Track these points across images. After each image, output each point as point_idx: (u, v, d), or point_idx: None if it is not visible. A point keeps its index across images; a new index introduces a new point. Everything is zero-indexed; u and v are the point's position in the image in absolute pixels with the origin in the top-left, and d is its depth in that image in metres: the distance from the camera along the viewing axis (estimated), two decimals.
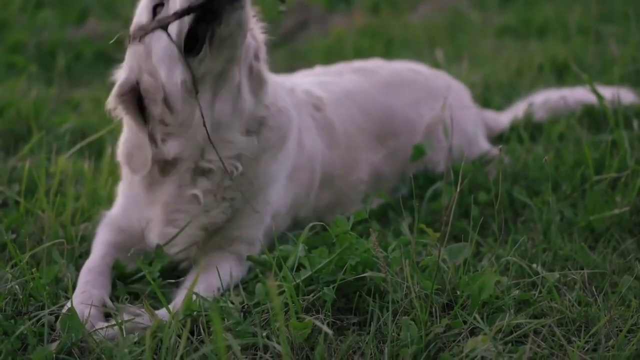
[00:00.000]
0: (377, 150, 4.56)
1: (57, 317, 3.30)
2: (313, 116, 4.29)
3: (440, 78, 5.06)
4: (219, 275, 3.55)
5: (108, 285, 3.59)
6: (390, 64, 5.02)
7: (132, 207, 3.88)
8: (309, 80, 4.57)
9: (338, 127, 4.37)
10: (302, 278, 3.33)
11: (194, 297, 3.24)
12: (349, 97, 4.55)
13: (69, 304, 3.28)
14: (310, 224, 3.66)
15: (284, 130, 3.92)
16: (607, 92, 5.15)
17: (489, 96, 6.07)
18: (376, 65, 4.95)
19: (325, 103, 4.39)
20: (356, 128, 4.48)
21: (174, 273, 3.78)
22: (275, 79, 4.07)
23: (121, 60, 3.75)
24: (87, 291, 3.46)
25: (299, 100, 4.24)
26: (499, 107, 5.80)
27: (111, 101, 3.66)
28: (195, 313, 3.22)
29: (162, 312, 3.25)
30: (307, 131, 4.19)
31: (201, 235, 3.78)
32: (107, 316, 3.37)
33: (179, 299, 3.38)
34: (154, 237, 3.80)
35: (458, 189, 3.55)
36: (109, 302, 3.44)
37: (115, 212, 3.96)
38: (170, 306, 3.25)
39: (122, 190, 3.97)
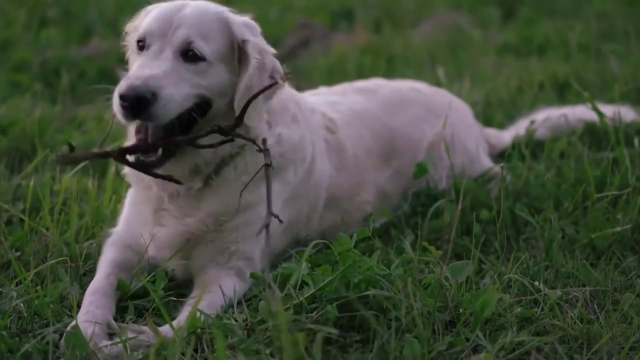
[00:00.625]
0: (382, 170, 4.59)
1: (61, 335, 3.32)
2: (326, 139, 4.31)
3: (441, 96, 5.08)
4: (222, 292, 3.58)
5: (112, 305, 3.61)
6: (391, 83, 5.05)
7: (137, 222, 3.92)
8: (320, 100, 4.59)
9: (348, 149, 4.39)
10: (306, 296, 3.34)
11: (198, 314, 3.26)
12: (357, 117, 4.57)
13: (73, 322, 3.29)
14: (313, 242, 3.68)
15: (286, 161, 3.96)
16: (608, 109, 5.18)
17: (490, 114, 6.09)
18: (378, 84, 4.97)
19: (337, 125, 4.41)
20: (364, 149, 4.51)
21: (178, 290, 3.79)
22: (297, 98, 4.18)
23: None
24: (90, 311, 3.47)
25: (316, 123, 4.28)
26: (501, 125, 5.82)
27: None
28: (199, 330, 3.23)
29: (165, 329, 3.26)
30: (320, 156, 4.21)
31: (182, 242, 3.82)
32: (111, 336, 3.38)
33: (182, 316, 3.40)
34: (151, 244, 3.85)
35: (460, 207, 3.57)
36: (113, 322, 3.45)
37: (119, 227, 4.00)
38: (174, 323, 3.27)
39: (127, 205, 4.01)
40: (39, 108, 6.21)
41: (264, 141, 3.73)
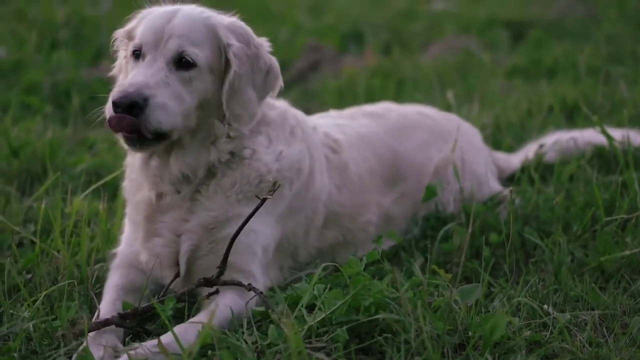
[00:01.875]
0: (387, 193, 4.60)
1: (70, 357, 3.33)
2: (328, 157, 4.33)
3: (449, 120, 5.10)
4: (231, 310, 3.60)
5: (120, 331, 3.62)
6: (400, 108, 5.06)
7: (135, 239, 3.97)
8: (327, 122, 4.63)
9: (351, 169, 4.41)
10: (318, 320, 3.35)
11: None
12: (363, 140, 4.59)
13: (84, 344, 3.31)
14: (323, 265, 3.69)
15: (283, 178, 3.98)
16: (617, 133, 5.19)
17: (499, 137, 6.09)
18: (386, 108, 4.99)
19: (341, 145, 4.43)
20: (368, 171, 4.52)
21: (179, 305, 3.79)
22: (295, 112, 4.23)
23: None
24: (99, 335, 3.49)
25: (318, 140, 4.31)
26: (510, 148, 5.83)
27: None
28: (209, 352, 3.24)
29: (169, 342, 3.28)
30: (319, 172, 4.23)
31: (182, 257, 3.86)
32: None
33: (179, 331, 3.39)
34: (144, 256, 3.90)
35: (469, 230, 3.58)
36: (120, 346, 3.48)
37: (122, 247, 4.04)
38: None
39: (126, 223, 4.06)
40: (50, 130, 6.25)
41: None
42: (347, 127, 4.62)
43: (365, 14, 11.63)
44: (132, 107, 3.57)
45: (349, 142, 4.50)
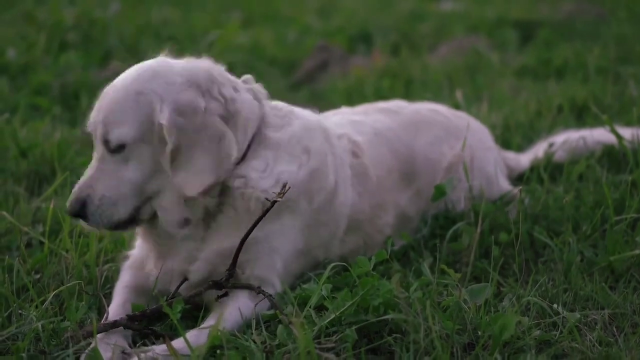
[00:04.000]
0: (403, 191, 4.57)
1: (78, 358, 3.34)
2: (352, 165, 4.26)
3: (460, 118, 5.08)
4: (240, 312, 3.58)
5: (128, 331, 3.61)
6: (412, 105, 5.05)
7: (147, 251, 3.95)
8: (343, 120, 4.57)
9: (371, 173, 4.35)
10: (327, 321, 3.34)
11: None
12: (379, 137, 4.55)
13: (92, 344, 3.31)
14: (332, 265, 3.69)
15: (295, 195, 3.85)
16: (627, 132, 5.18)
17: (509, 137, 6.08)
18: (399, 105, 4.97)
19: (362, 148, 4.36)
20: (386, 170, 4.47)
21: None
22: (323, 125, 4.16)
23: None
24: (109, 335, 3.49)
25: (343, 149, 4.24)
26: (519, 148, 5.82)
27: None
28: (218, 352, 3.24)
29: (182, 349, 3.27)
30: (343, 184, 4.16)
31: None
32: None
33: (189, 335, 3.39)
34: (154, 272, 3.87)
35: (479, 230, 3.57)
36: (128, 348, 3.48)
37: (135, 251, 4.03)
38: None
39: (140, 230, 4.02)
40: (59, 131, 6.25)
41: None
42: (363, 124, 4.57)
43: (374, 15, 11.64)
44: (78, 215, 3.66)
45: (368, 141, 4.45)
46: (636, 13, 10.82)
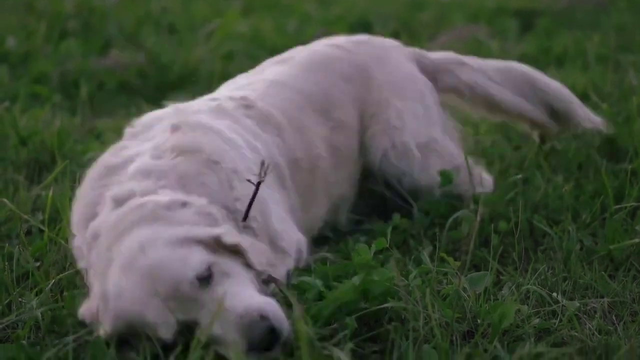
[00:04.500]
0: (323, 122, 4.47)
1: (80, 345, 3.33)
2: (249, 115, 4.15)
3: (364, 45, 4.94)
4: None
5: None
6: (308, 46, 4.93)
7: None
8: (238, 84, 4.52)
9: (276, 114, 4.24)
10: (327, 312, 3.34)
11: None
12: (277, 85, 4.44)
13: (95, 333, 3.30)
14: (329, 255, 3.70)
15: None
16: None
17: (509, 126, 6.07)
18: (295, 50, 4.87)
19: (252, 99, 4.24)
20: (297, 109, 4.37)
21: None
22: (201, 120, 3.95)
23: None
24: None
25: (230, 109, 4.13)
26: (520, 136, 5.81)
27: None
28: None
29: None
30: (252, 135, 4.06)
31: None
32: None
33: None
34: None
35: (478, 218, 3.57)
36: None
37: None
38: None
39: None
40: (59, 119, 6.25)
41: None
42: (254, 83, 4.48)
43: (374, 4, 11.60)
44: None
45: (263, 93, 4.34)
46: (636, 2, 10.79)
